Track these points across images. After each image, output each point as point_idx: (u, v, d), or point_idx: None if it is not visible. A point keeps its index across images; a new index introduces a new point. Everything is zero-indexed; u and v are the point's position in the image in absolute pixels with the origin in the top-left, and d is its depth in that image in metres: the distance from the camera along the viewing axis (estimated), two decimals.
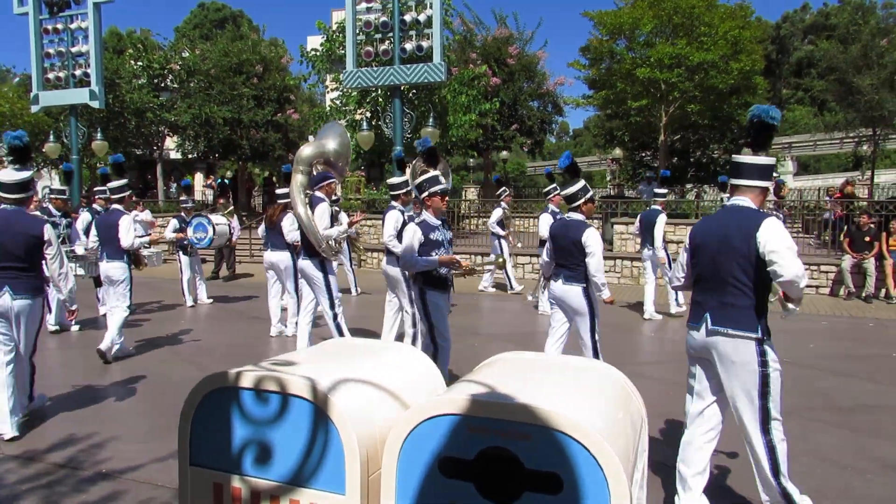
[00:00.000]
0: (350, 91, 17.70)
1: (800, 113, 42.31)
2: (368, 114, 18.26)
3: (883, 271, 10.94)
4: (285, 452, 2.19)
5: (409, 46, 13.60)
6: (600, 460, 1.83)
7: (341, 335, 6.12)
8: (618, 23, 18.97)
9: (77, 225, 8.79)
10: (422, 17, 13.58)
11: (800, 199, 20.89)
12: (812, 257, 12.23)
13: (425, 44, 13.53)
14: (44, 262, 4.79)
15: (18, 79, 28.74)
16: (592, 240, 5.09)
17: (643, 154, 24.85)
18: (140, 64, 23.96)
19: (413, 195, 6.66)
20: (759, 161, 3.29)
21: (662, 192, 9.72)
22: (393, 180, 7.01)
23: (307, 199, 6.12)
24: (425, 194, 5.04)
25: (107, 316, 7.00)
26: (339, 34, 17.68)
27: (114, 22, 56.63)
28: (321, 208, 6.18)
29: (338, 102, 18.81)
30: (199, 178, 30.21)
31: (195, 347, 7.59)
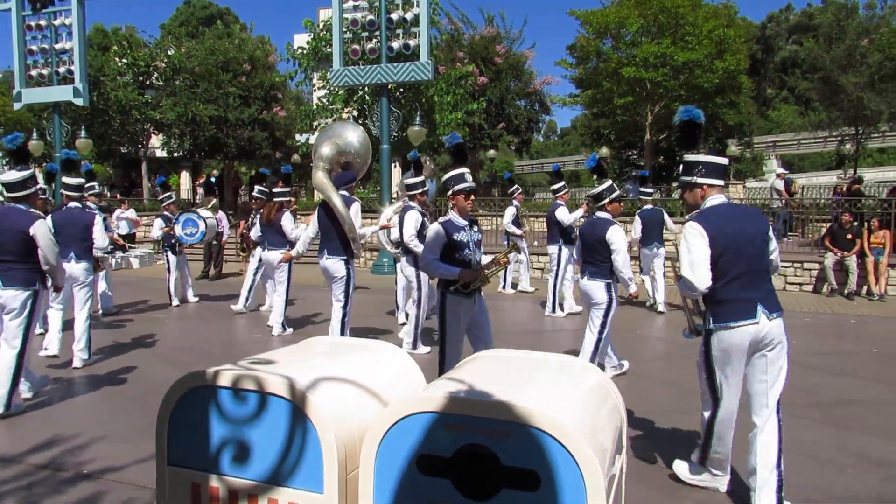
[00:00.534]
0: (337, 89, 17.63)
1: (785, 112, 42.63)
2: (355, 112, 18.22)
3: (865, 269, 11.08)
4: (263, 451, 2.18)
5: (396, 45, 13.56)
6: (577, 457, 1.83)
7: (342, 335, 6.29)
8: (604, 22, 19.04)
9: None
10: (409, 16, 13.53)
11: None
12: (796, 255, 12.35)
13: (412, 42, 13.49)
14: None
15: (1, 76, 28.37)
16: (617, 237, 5.45)
17: (630, 153, 24.98)
18: (125, 61, 23.76)
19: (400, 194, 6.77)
20: (724, 161, 3.74)
21: (649, 191, 9.85)
22: (409, 180, 7.05)
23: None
24: (450, 193, 4.76)
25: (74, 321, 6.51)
26: (326, 32, 17.61)
27: (99, 19, 56.25)
28: (355, 208, 6.41)
29: (325, 101, 18.74)
30: (185, 177, 30.02)
31: (180, 347, 7.54)
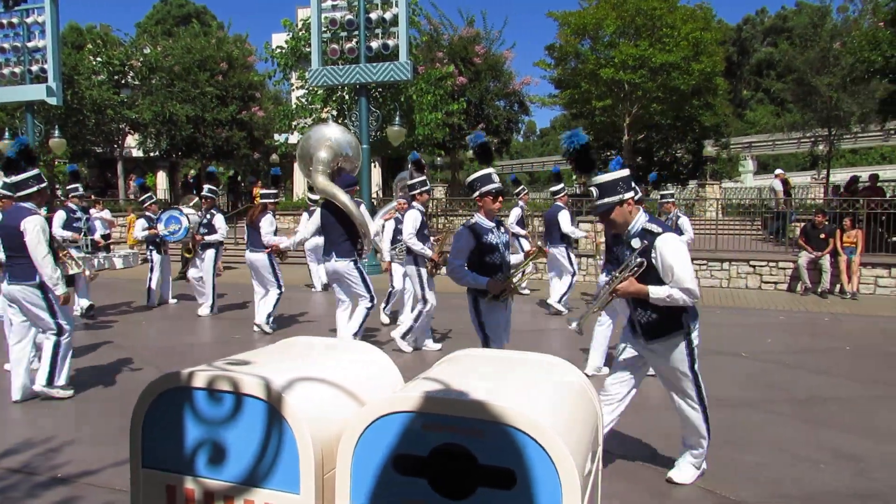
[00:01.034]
0: (316, 89, 17.54)
1: (760, 113, 43.25)
2: (334, 112, 18.12)
3: (837, 267, 11.28)
4: (239, 452, 2.16)
5: (375, 45, 13.52)
6: (552, 455, 1.84)
7: (358, 332, 6.51)
8: (582, 23, 19.18)
9: (54, 223, 8.58)
10: (388, 16, 13.51)
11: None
12: (770, 254, 12.52)
13: (391, 42, 13.46)
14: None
15: None
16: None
17: (608, 153, 25.15)
18: (100, 60, 23.41)
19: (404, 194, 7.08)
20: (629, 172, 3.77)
21: (670, 192, 9.96)
22: (410, 180, 7.12)
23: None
24: (476, 194, 4.57)
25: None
26: (305, 32, 17.51)
27: (73, 17, 55.43)
28: (362, 208, 6.66)
29: (303, 100, 18.63)
30: (162, 177, 29.65)
31: (157, 348, 7.46)
